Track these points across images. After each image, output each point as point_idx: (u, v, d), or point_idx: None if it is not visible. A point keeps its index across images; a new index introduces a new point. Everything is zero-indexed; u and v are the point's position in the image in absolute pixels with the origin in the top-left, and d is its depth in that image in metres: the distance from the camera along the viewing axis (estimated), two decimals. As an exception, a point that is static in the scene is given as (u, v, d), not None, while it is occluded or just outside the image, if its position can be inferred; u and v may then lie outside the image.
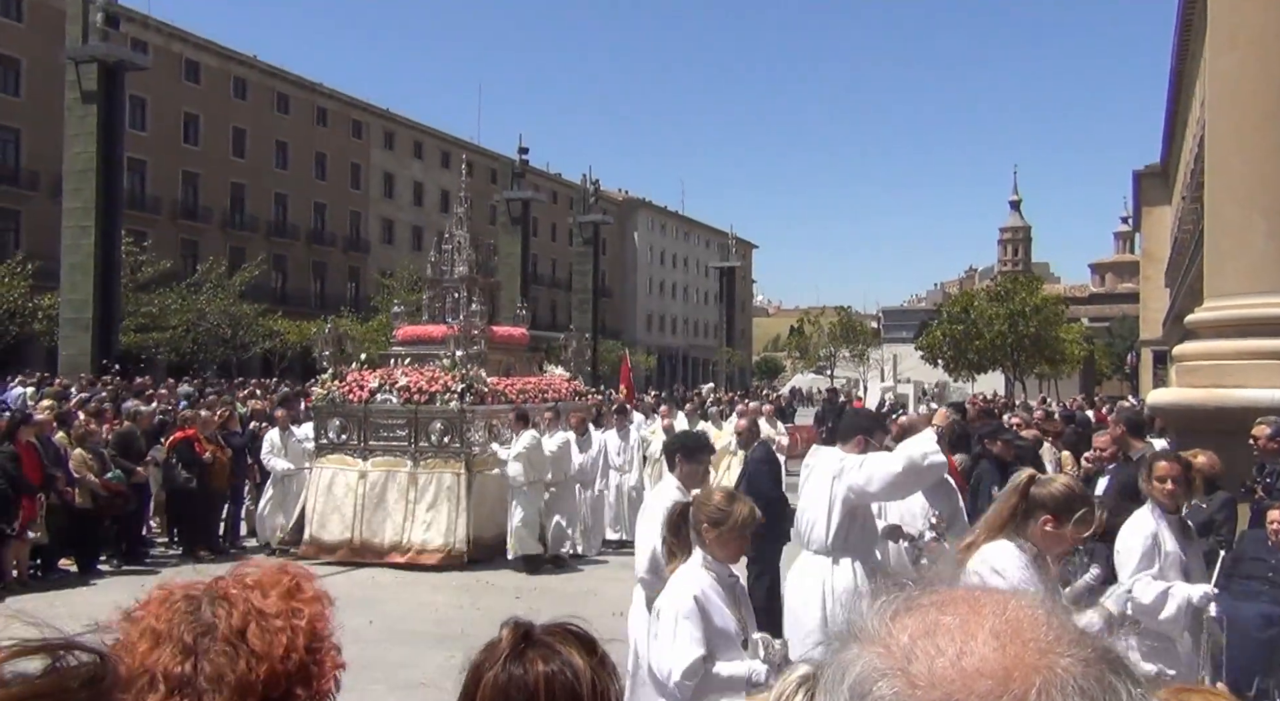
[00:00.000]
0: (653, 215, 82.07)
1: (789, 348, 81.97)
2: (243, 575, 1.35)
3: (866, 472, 4.91)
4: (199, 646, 1.22)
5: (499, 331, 13.39)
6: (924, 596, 0.72)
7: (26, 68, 38.76)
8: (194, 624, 1.24)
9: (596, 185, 51.65)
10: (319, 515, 11.41)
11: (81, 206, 28.29)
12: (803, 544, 5.25)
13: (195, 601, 1.27)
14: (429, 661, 7.28)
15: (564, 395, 13.38)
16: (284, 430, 12.25)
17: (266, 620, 1.26)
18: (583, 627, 1.58)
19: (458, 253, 13.49)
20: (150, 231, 40.31)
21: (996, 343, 48.23)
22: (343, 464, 11.64)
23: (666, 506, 4.54)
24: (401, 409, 11.54)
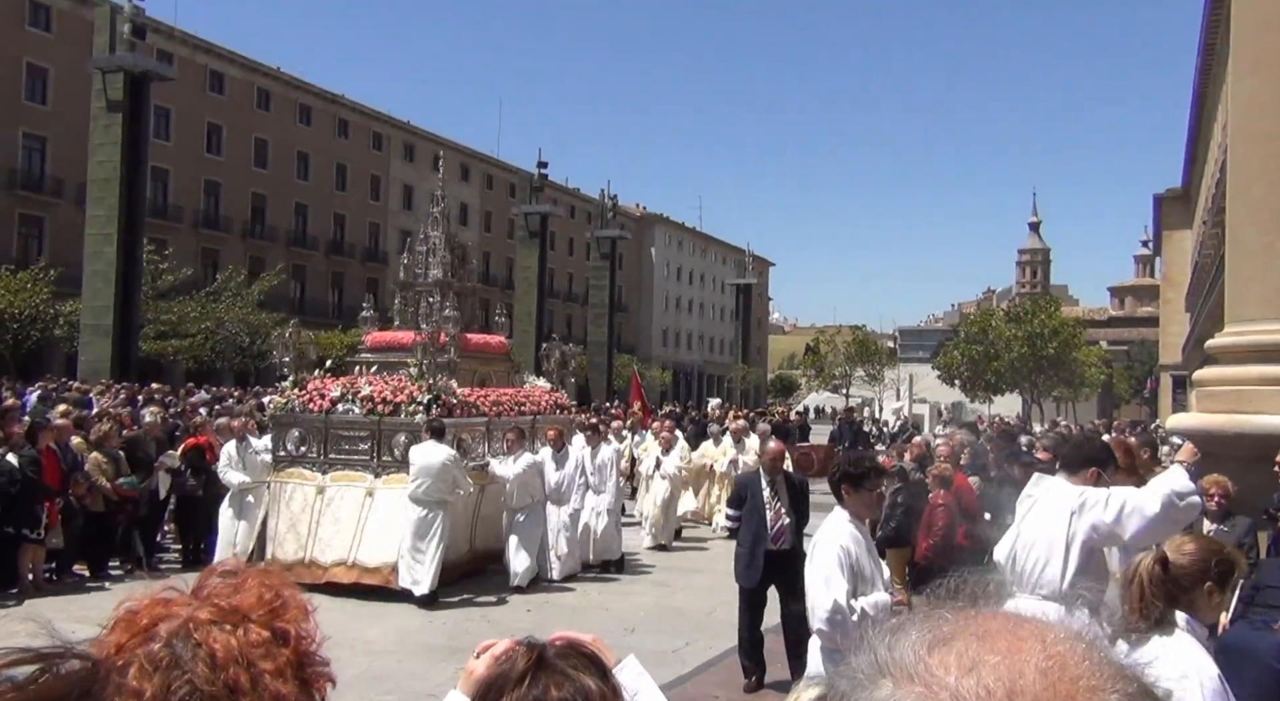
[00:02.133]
0: (670, 231, 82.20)
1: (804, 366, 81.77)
2: (218, 595, 1.25)
3: (1115, 511, 4.42)
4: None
5: (473, 339, 12.53)
6: (955, 623, 0.68)
7: (54, 77, 39.27)
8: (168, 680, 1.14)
9: (614, 200, 51.78)
10: (279, 533, 10.60)
11: (105, 214, 28.59)
12: (1021, 585, 4.67)
13: (169, 646, 1.17)
14: (440, 673, 7.26)
15: (545, 408, 12.55)
16: (240, 441, 11.24)
17: (255, 669, 1.17)
18: (593, 649, 1.57)
19: (432, 254, 12.58)
20: (171, 240, 40.65)
21: (1014, 364, 47.99)
22: (300, 478, 10.78)
23: (843, 544, 4.64)
24: (364, 420, 10.66)
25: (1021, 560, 4.67)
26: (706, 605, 10.15)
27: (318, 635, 1.28)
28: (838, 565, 4.56)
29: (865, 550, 4.75)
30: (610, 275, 50.68)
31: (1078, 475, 4.69)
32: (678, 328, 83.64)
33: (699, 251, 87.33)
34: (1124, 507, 4.40)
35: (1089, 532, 4.46)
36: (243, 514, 11.08)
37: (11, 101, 38.12)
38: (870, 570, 4.73)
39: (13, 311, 30.57)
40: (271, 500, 10.88)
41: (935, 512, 8.30)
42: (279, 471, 10.94)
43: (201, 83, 45.44)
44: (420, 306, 12.38)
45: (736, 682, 7.59)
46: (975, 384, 50.53)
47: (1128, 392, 64.44)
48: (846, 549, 4.63)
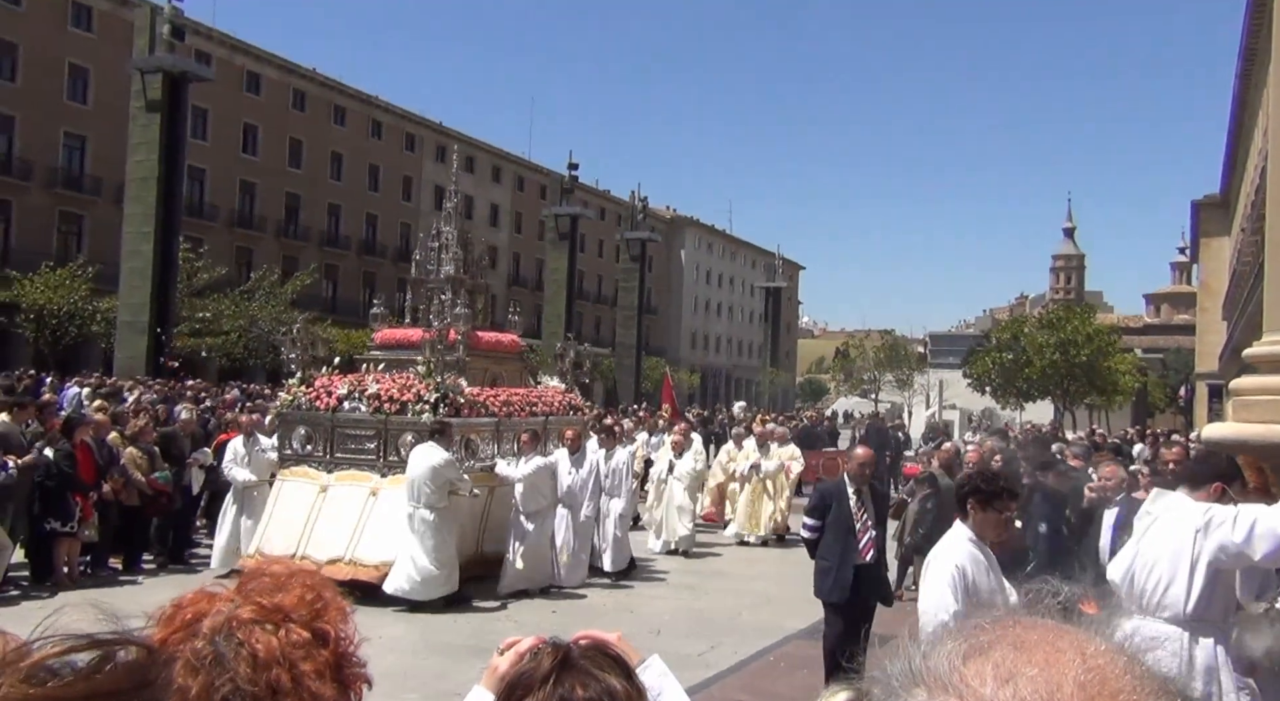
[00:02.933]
0: (700, 233, 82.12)
1: (833, 370, 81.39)
2: (260, 594, 1.26)
3: (1245, 530, 4.11)
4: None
5: (485, 337, 12.25)
6: (992, 633, 0.66)
7: (95, 76, 39.90)
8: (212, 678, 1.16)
9: (645, 202, 51.80)
10: (270, 530, 10.38)
11: (142, 213, 29.03)
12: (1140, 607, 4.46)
13: (212, 644, 1.20)
14: (463, 672, 7.28)
15: (558, 409, 12.21)
16: (249, 437, 11.00)
17: (296, 670, 1.19)
18: (618, 649, 1.56)
19: (444, 251, 12.31)
20: (207, 238, 41.16)
21: (1047, 371, 47.47)
22: (305, 477, 10.56)
23: (959, 563, 4.28)
24: (370, 419, 10.45)
25: (1141, 580, 4.45)
26: (732, 608, 10.13)
27: (356, 637, 1.29)
28: (950, 586, 4.23)
29: (985, 573, 4.38)
30: (640, 277, 50.70)
31: (1200, 491, 4.45)
32: (706, 330, 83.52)
33: (729, 254, 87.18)
34: (1255, 526, 4.09)
35: (1216, 553, 4.19)
36: (246, 512, 10.82)
37: (53, 101, 38.78)
38: (989, 594, 4.30)
39: (52, 307, 31.10)
40: (272, 497, 10.66)
41: (964, 520, 8.20)
42: (284, 469, 10.76)
43: (238, 83, 45.99)
44: (433, 303, 12.12)
45: (761, 687, 7.56)
46: (1006, 390, 50.03)
47: (1162, 401, 63.54)
48: (963, 569, 4.29)
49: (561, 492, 10.82)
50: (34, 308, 31.07)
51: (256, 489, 10.86)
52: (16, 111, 37.68)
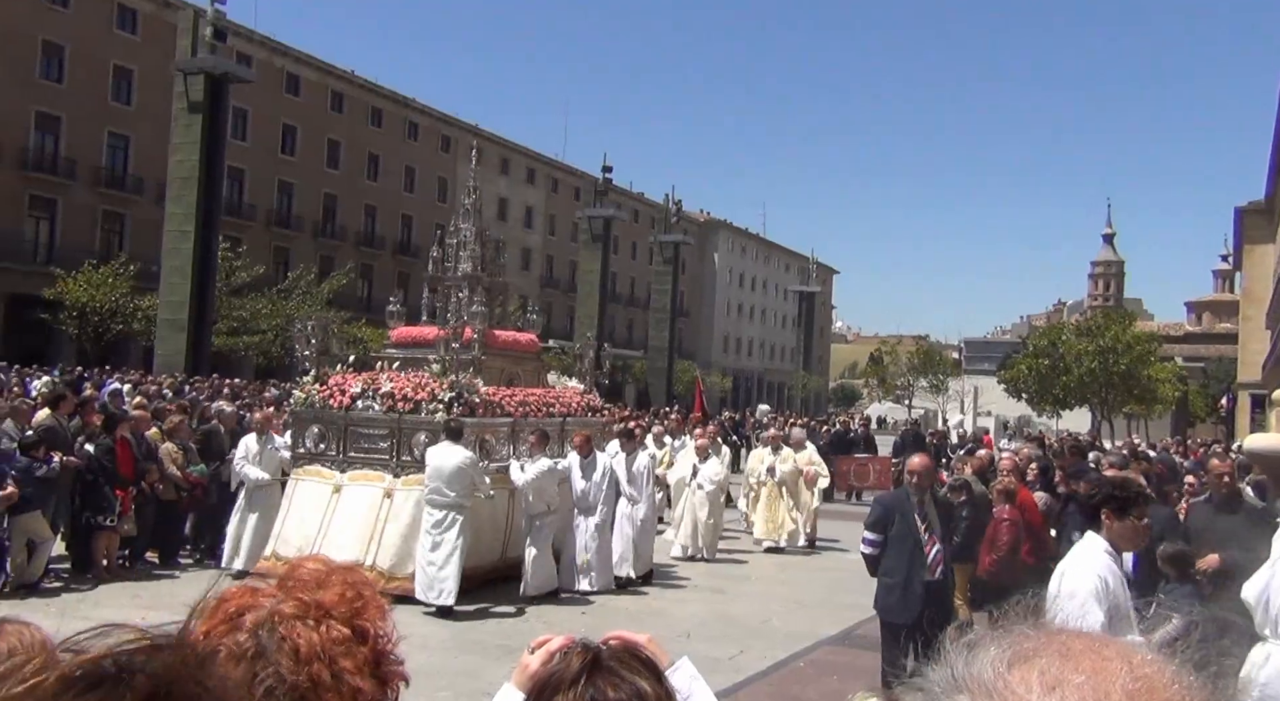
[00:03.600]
0: (733, 237, 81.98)
1: (867, 375, 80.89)
2: (302, 589, 1.28)
3: None
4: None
5: (501, 336, 11.95)
6: (1036, 640, 0.65)
7: (139, 78, 40.58)
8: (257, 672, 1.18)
9: (678, 205, 51.81)
10: (285, 530, 10.19)
11: (183, 212, 29.50)
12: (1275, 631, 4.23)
13: (255, 637, 1.21)
14: (494, 672, 7.31)
15: (576, 410, 11.93)
16: (261, 435, 10.78)
17: (336, 666, 1.21)
18: (648, 651, 1.56)
19: (462, 248, 12.06)
20: (245, 238, 41.71)
21: (1084, 379, 46.87)
22: (318, 476, 10.36)
23: (1100, 574, 4.02)
24: (384, 418, 10.24)
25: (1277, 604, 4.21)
26: (761, 613, 10.09)
27: (394, 634, 1.30)
28: (1095, 597, 3.92)
29: (1121, 585, 4.14)
30: (672, 280, 50.70)
31: None
32: (739, 334, 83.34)
33: (762, 258, 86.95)
34: None
35: None
36: (258, 511, 10.58)
37: (99, 102, 39.49)
38: (1127, 609, 4.05)
39: (94, 305, 31.66)
40: (285, 497, 10.49)
41: (1000, 528, 8.13)
42: (297, 468, 10.59)
43: (278, 85, 46.55)
44: (450, 302, 11.86)
45: (790, 693, 7.52)
46: (1043, 398, 49.47)
47: (1203, 411, 62.51)
48: (1105, 580, 4.01)
49: (575, 497, 10.53)
50: (77, 305, 31.63)
51: (268, 487, 10.67)
52: (63, 111, 38.42)
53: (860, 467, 20.69)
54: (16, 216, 37.14)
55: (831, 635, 9.20)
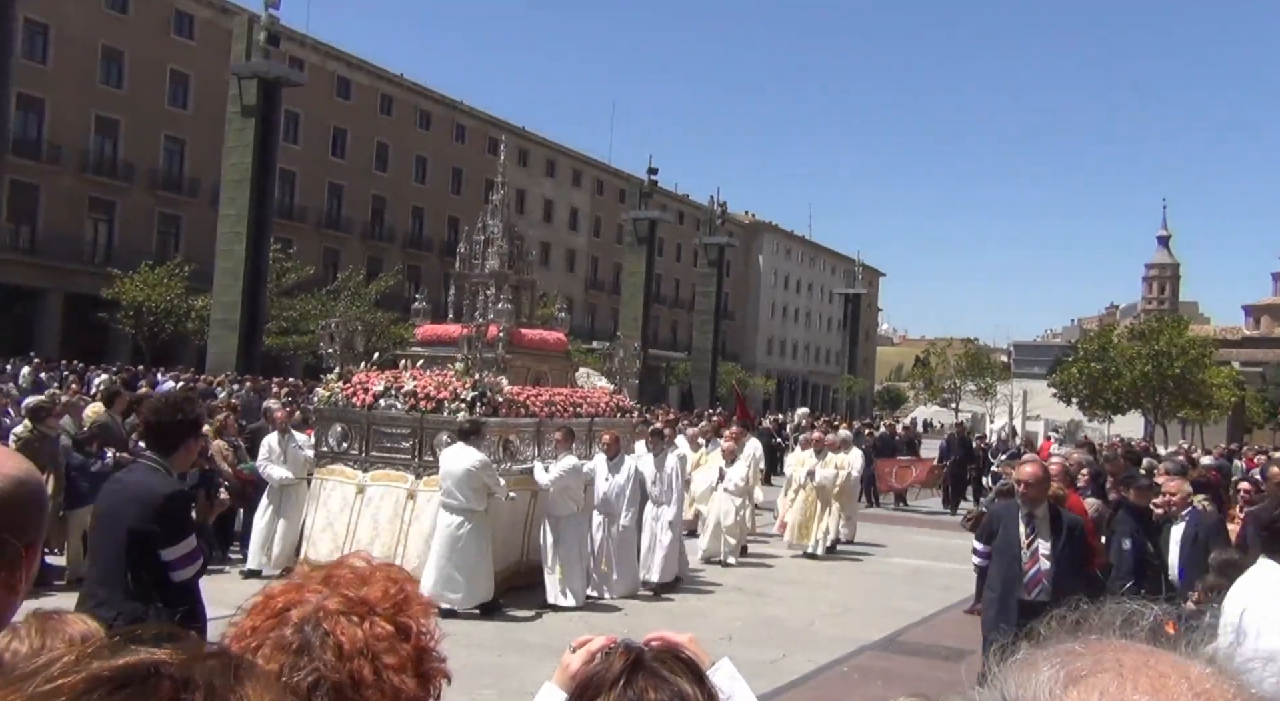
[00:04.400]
0: (778, 238, 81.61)
1: (913, 378, 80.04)
2: (347, 586, 1.29)
3: None
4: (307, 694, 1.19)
5: (528, 334, 11.65)
6: (1086, 657, 0.63)
7: (195, 82, 41.45)
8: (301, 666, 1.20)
9: (723, 207, 51.70)
10: (314, 532, 10.06)
11: (236, 214, 30.08)
12: None
13: (300, 632, 1.23)
14: (538, 671, 7.33)
15: (604, 411, 11.60)
16: (284, 434, 10.65)
17: (379, 663, 1.22)
18: (690, 652, 1.56)
19: (490, 245, 11.79)
20: (296, 239, 42.39)
21: (1137, 383, 45.94)
22: (341, 476, 10.21)
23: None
24: (406, 417, 10.06)
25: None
26: (805, 617, 10.03)
27: (437, 632, 1.31)
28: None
29: None
30: (717, 282, 50.62)
31: None
32: (783, 336, 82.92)
33: (807, 260, 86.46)
34: None
35: None
36: (282, 511, 10.44)
37: (155, 106, 40.39)
38: None
39: (150, 305, 32.37)
40: (310, 497, 10.34)
41: (1047, 534, 7.99)
42: (320, 468, 10.43)
43: (329, 88, 47.24)
44: (478, 299, 11.59)
45: (832, 698, 7.48)
46: (1094, 402, 48.58)
47: (1260, 417, 60.95)
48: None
49: (597, 499, 10.23)
50: (133, 304, 32.36)
51: (293, 487, 10.51)
52: (122, 116, 39.35)
53: (902, 469, 20.49)
54: (77, 218, 38.12)
55: (876, 640, 9.13)
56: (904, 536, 16.41)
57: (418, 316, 12.23)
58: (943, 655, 8.75)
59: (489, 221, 11.99)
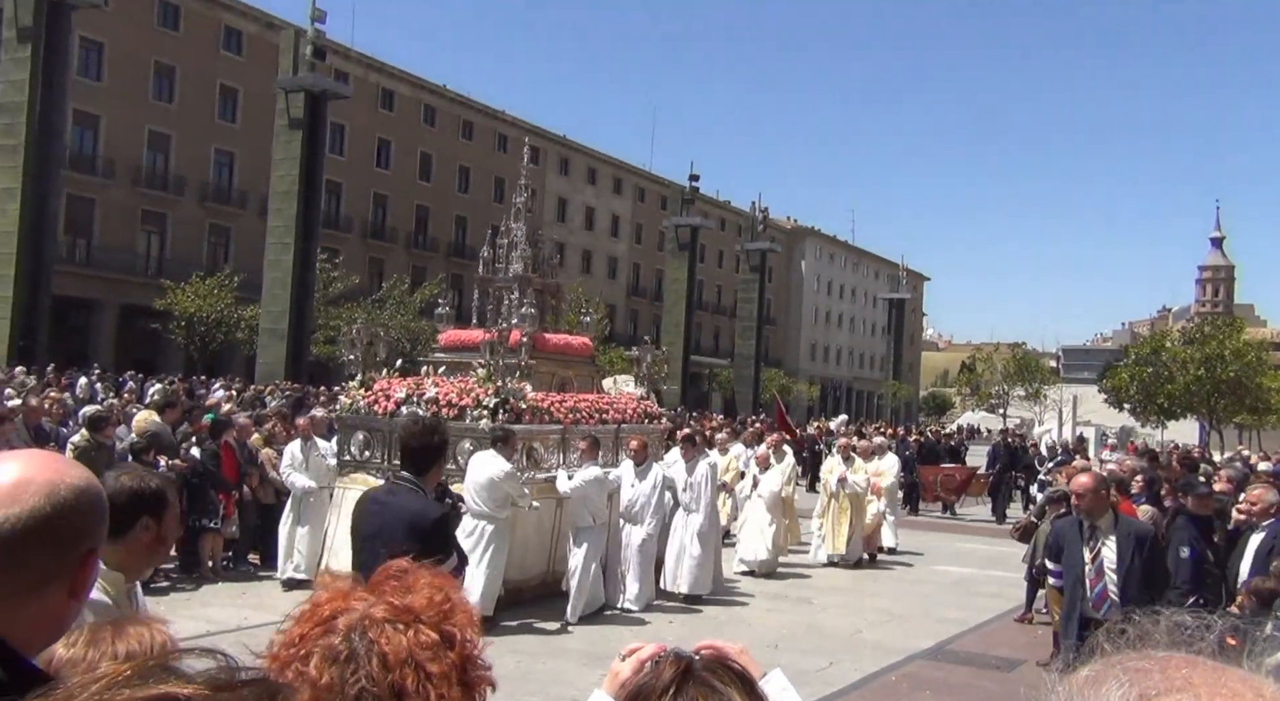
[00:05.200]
0: (821, 244, 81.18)
1: (959, 384, 79.08)
2: (391, 594, 1.29)
3: None
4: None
5: (552, 339, 11.46)
6: (1155, 675, 0.60)
7: (243, 96, 42.25)
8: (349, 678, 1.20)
9: (765, 213, 51.54)
10: (337, 542, 9.76)
11: (283, 225, 30.60)
12: None
13: (347, 640, 1.23)
14: (584, 678, 7.35)
15: (631, 417, 11.32)
16: (306, 441, 10.51)
17: (423, 671, 1.22)
18: (740, 662, 1.54)
19: (513, 249, 11.61)
20: (342, 249, 43.00)
21: (1191, 388, 44.96)
22: (364, 485, 9.70)
23: None
24: None
25: None
26: (852, 625, 9.92)
27: (480, 639, 1.31)
28: None
29: None
30: (759, 288, 50.46)
31: None
32: (827, 342, 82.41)
33: (850, 265, 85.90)
34: None
35: None
36: (305, 520, 10.31)
37: (206, 120, 41.23)
38: None
39: (201, 315, 33.00)
40: (333, 506, 10.14)
41: (1099, 542, 7.83)
42: (342, 476, 10.24)
43: (374, 100, 47.89)
44: (503, 304, 11.39)
45: (882, 708, 7.37)
46: (1146, 407, 47.61)
47: (1321, 422, 59.33)
48: None
49: (623, 506, 9.91)
50: (185, 315, 33.00)
51: (317, 495, 10.36)
52: (173, 130, 40.21)
53: (946, 477, 20.13)
54: (130, 231, 38.99)
55: (925, 649, 9.00)
56: (950, 544, 16.20)
57: (441, 322, 12.05)
58: (993, 664, 8.61)
59: (512, 225, 11.83)
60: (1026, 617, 10.33)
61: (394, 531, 4.26)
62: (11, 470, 1.33)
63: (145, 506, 2.66)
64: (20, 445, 8.39)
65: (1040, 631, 9.63)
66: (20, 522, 1.29)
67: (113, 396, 18.25)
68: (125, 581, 2.68)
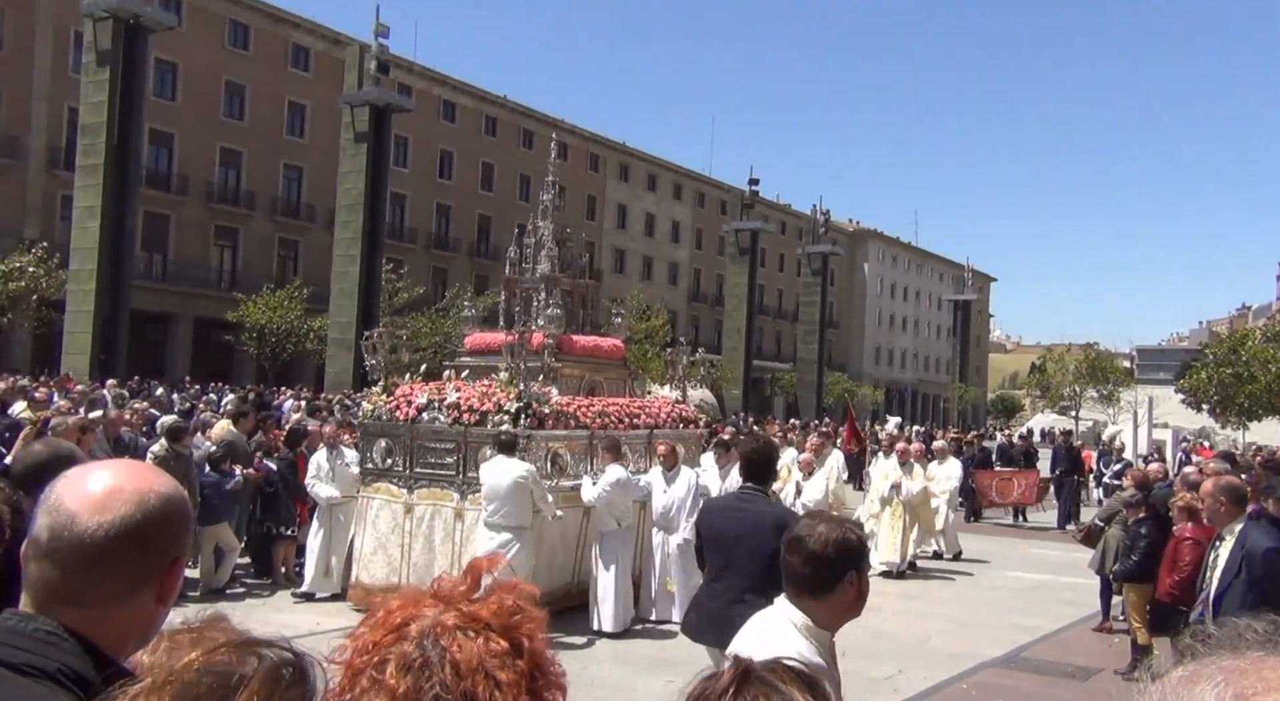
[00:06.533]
0: (884, 246, 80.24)
1: (1028, 385, 77.41)
2: (461, 600, 1.30)
3: None
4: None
5: (580, 341, 10.93)
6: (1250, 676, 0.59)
7: (310, 112, 43.27)
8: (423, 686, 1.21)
9: (826, 215, 51.13)
10: (365, 554, 9.56)
11: (350, 237, 31.25)
12: None
13: (420, 647, 1.24)
14: (649, 685, 7.36)
15: (664, 422, 10.85)
16: (332, 450, 10.15)
17: (494, 679, 1.22)
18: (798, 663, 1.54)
19: (540, 248, 11.23)
20: (406, 259, 43.72)
21: (1274, 388, 43.39)
22: (388, 495, 9.66)
23: None
24: (450, 430, 9.43)
25: None
26: (920, 632, 9.77)
27: (550, 649, 1.31)
28: None
29: None
30: (821, 291, 50.05)
31: None
32: (891, 345, 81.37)
33: (914, 267, 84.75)
34: None
35: None
36: (333, 532, 10.09)
37: (275, 136, 42.30)
38: None
39: (271, 326, 33.81)
40: (358, 517, 9.90)
41: (1182, 547, 7.61)
42: (365, 485, 9.92)
43: (436, 112, 48.63)
44: (532, 305, 10.95)
45: (952, 717, 7.25)
46: (1226, 409, 46.05)
47: None
48: None
49: (656, 514, 9.52)
50: (256, 326, 33.85)
51: (341, 507, 10.08)
52: (244, 147, 41.33)
53: (1003, 483, 19.39)
54: (204, 246, 40.17)
55: (995, 657, 8.84)
56: (1019, 549, 15.85)
57: (467, 324, 11.67)
58: (1068, 673, 8.42)
59: (539, 223, 11.35)
60: (1105, 626, 10.07)
61: (763, 531, 4.81)
62: (104, 478, 1.39)
63: (852, 561, 2.61)
64: (101, 455, 8.69)
65: (1118, 640, 9.39)
66: (113, 529, 1.35)
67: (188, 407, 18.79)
68: (830, 637, 2.60)
